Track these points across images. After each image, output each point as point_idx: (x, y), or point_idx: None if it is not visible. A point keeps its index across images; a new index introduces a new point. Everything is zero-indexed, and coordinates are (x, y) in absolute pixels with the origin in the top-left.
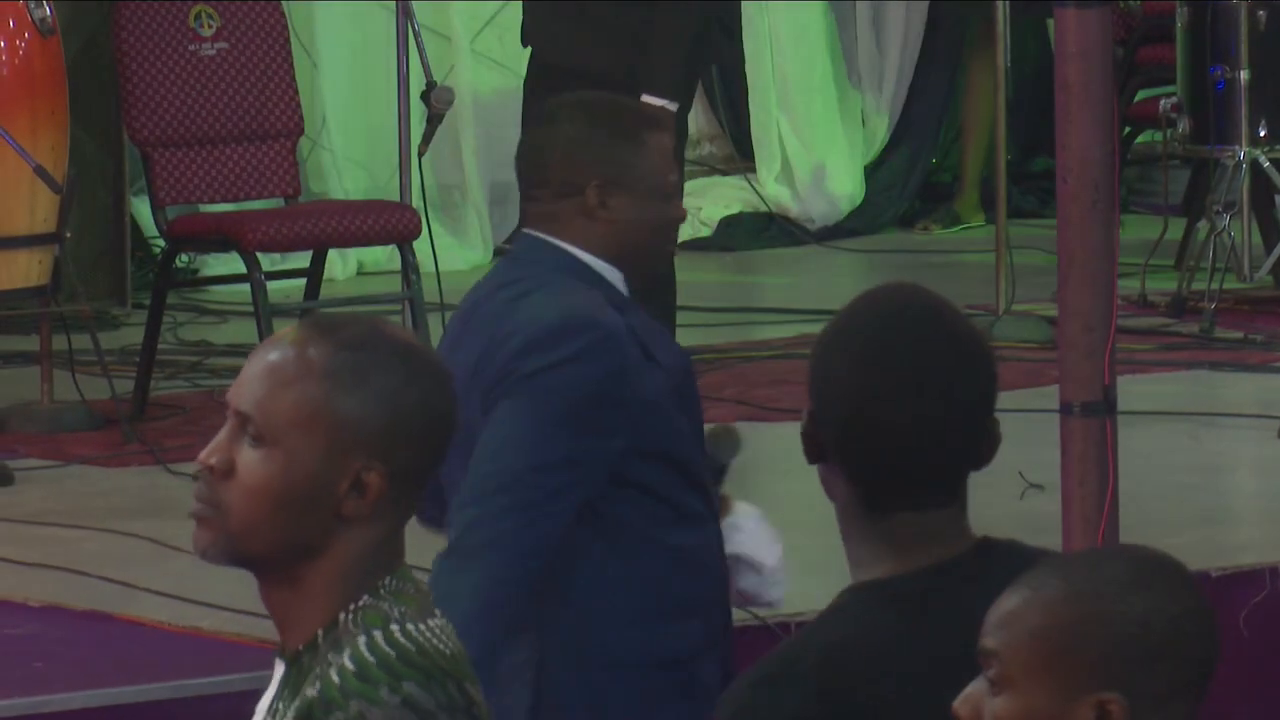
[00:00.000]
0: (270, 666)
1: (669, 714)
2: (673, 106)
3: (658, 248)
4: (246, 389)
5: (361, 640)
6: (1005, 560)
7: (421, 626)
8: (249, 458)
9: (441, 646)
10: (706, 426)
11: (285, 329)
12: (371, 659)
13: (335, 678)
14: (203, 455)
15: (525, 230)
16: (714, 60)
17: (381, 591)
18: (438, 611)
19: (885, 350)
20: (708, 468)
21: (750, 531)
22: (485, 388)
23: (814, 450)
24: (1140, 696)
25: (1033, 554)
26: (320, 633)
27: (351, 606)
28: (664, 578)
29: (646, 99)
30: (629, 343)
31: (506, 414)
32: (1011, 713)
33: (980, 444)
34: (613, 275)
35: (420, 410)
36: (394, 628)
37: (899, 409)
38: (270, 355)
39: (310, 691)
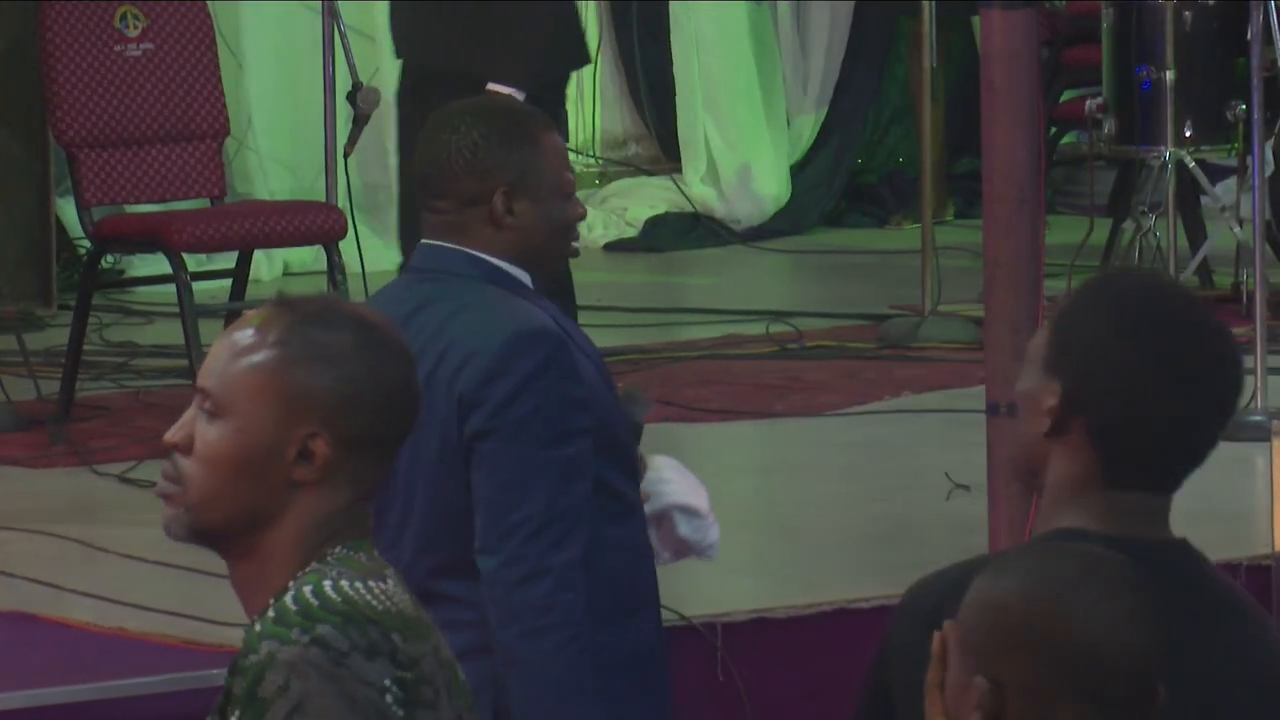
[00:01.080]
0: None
1: (636, 713)
2: (520, 94)
3: (562, 248)
4: (208, 366)
5: (289, 595)
6: (1195, 567)
7: (357, 584)
8: (206, 430)
9: (373, 600)
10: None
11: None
12: (293, 607)
13: (257, 626)
14: (167, 435)
15: (428, 242)
16: (589, 60)
17: (329, 559)
18: (389, 575)
19: (1170, 346)
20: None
21: (677, 481)
22: (447, 423)
23: (1058, 424)
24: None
25: (1212, 573)
26: (271, 600)
27: (300, 573)
28: (615, 574)
29: (493, 87)
30: (566, 340)
31: (501, 459)
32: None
33: (1216, 441)
34: (523, 277)
35: (371, 380)
36: (326, 583)
37: (1178, 393)
38: (232, 333)
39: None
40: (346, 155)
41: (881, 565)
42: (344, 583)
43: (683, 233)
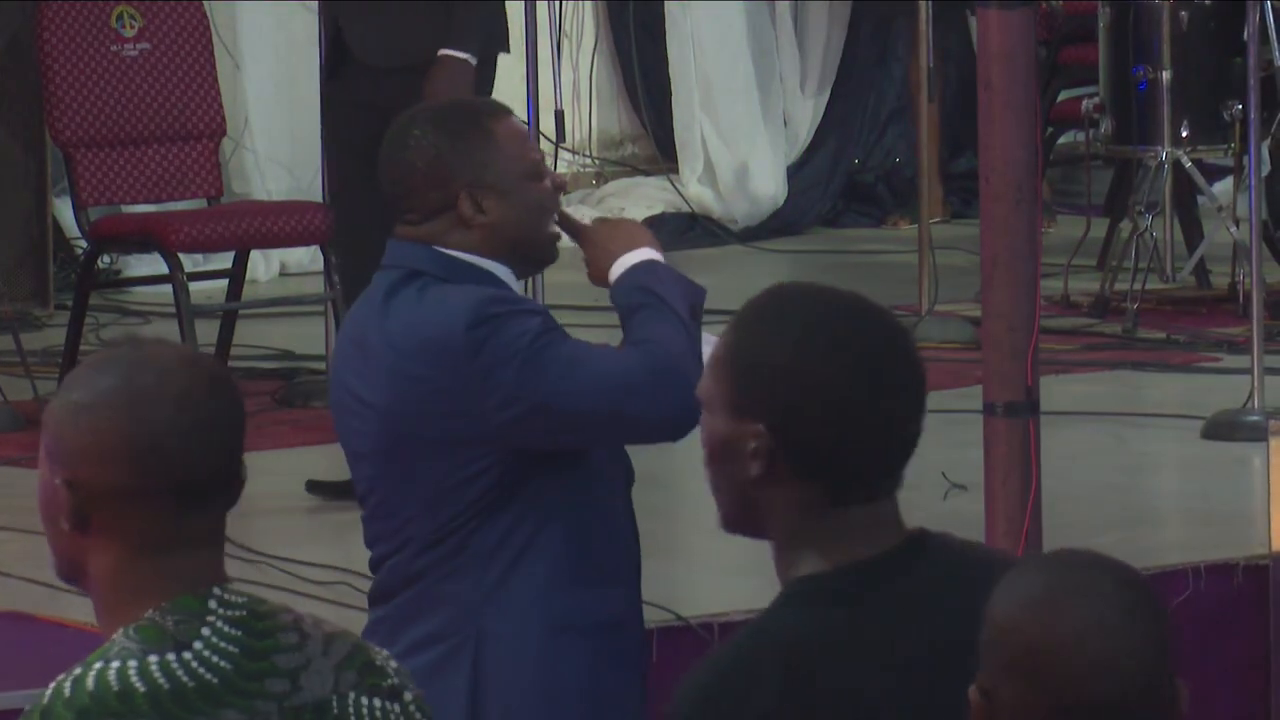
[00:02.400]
0: None
1: (615, 677)
2: (472, 60)
3: (542, 231)
4: None
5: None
6: (941, 551)
7: (130, 664)
8: None
9: (137, 683)
10: None
11: None
12: (45, 698)
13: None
14: None
15: (396, 240)
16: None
17: (133, 627)
18: (206, 634)
19: (847, 345)
20: None
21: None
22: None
23: (769, 469)
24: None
25: (968, 547)
26: None
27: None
28: (586, 543)
29: (444, 52)
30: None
31: (518, 374)
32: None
33: (919, 430)
34: (502, 273)
35: (102, 429)
36: (89, 670)
37: (871, 400)
38: None
39: None
40: None
41: None
42: (113, 666)
43: (680, 233)
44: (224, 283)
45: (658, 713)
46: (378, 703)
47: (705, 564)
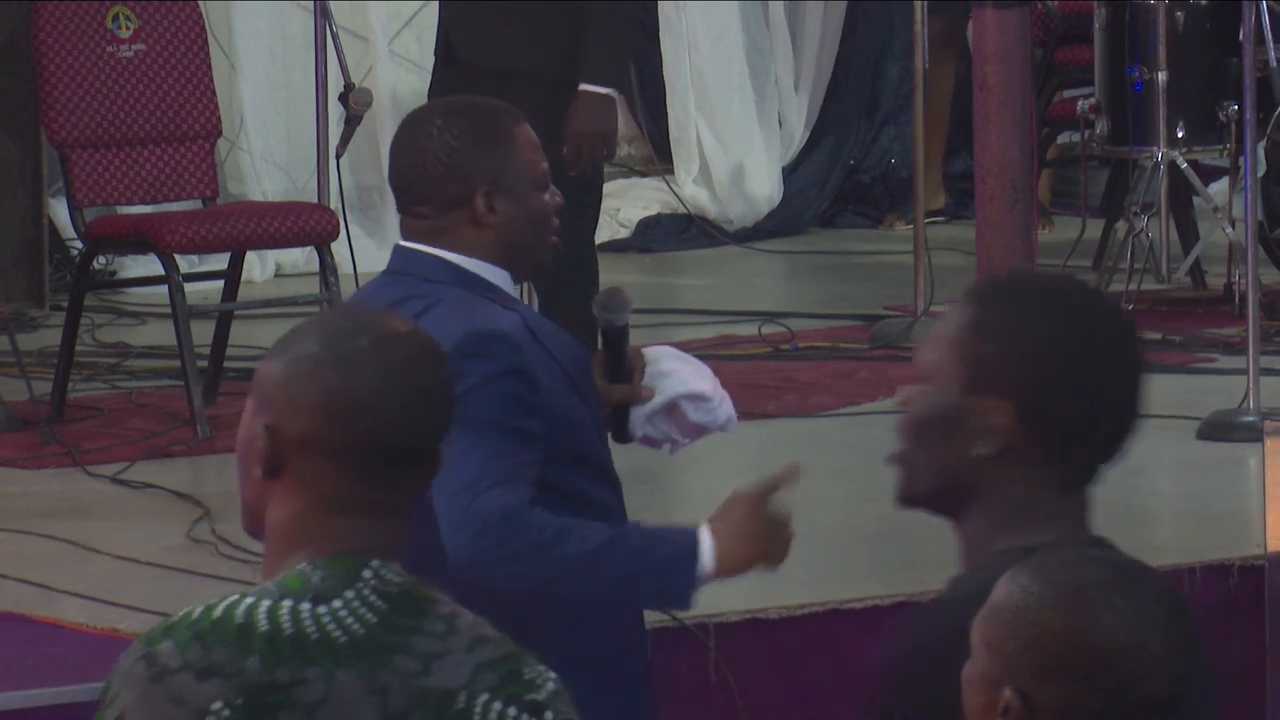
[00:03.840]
0: None
1: (635, 705)
2: (614, 94)
3: (544, 239)
4: None
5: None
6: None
7: (264, 602)
8: None
9: (263, 624)
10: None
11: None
12: (175, 618)
13: None
14: None
15: (402, 245)
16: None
17: (284, 574)
18: (351, 596)
19: (1099, 329)
20: (607, 334)
21: (677, 371)
22: None
23: (1004, 449)
24: (1047, 706)
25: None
26: None
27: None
28: None
29: (585, 88)
30: (530, 346)
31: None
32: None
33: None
34: (500, 279)
35: (316, 382)
36: (223, 604)
37: (1121, 384)
38: None
39: None
40: (339, 156)
41: (874, 565)
42: (246, 601)
43: (676, 233)
44: (220, 284)
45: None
46: (512, 711)
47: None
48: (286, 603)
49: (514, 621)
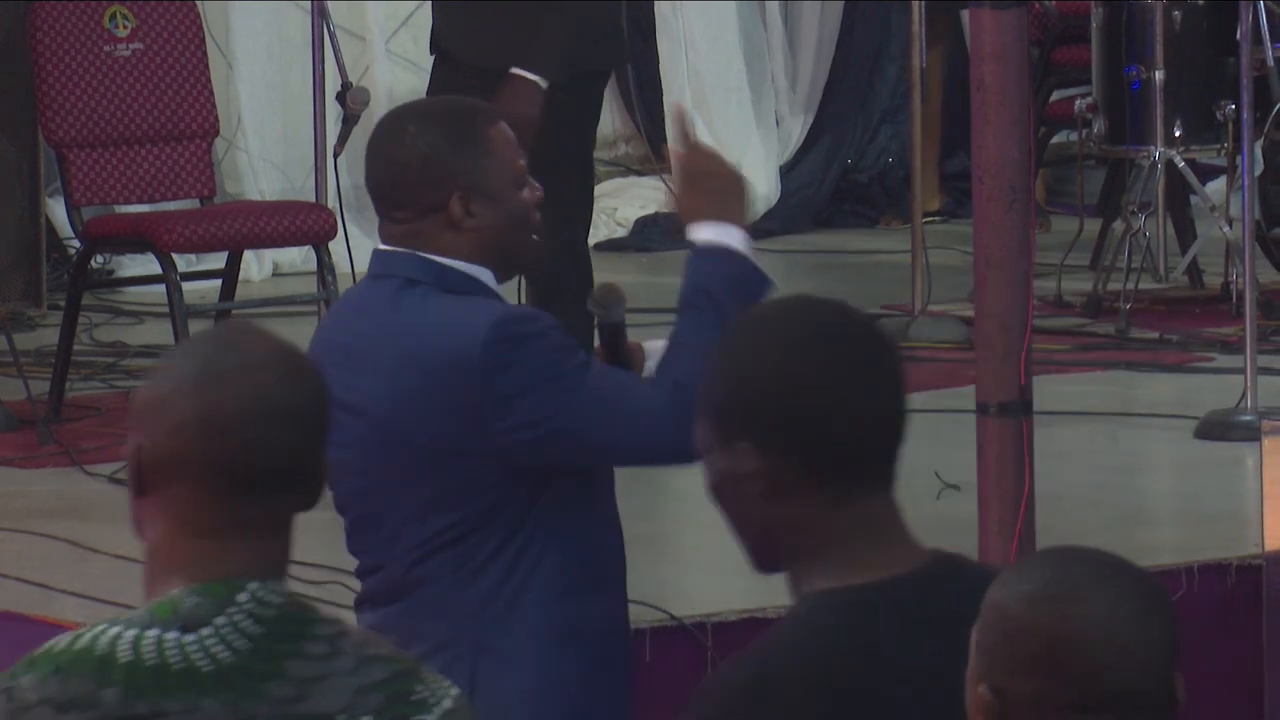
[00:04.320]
0: None
1: (607, 684)
2: (542, 83)
3: (524, 237)
4: None
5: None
6: (965, 573)
7: (129, 632)
8: None
9: (124, 654)
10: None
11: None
12: (39, 650)
13: None
14: None
15: (384, 249)
16: (627, 61)
17: (162, 600)
18: (222, 622)
19: (835, 328)
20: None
21: None
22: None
23: (770, 486)
24: (1019, 700)
25: (984, 572)
26: None
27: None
28: (583, 551)
29: (515, 71)
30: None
31: (545, 410)
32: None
33: (900, 419)
34: (485, 276)
35: (175, 404)
36: (90, 632)
37: (840, 384)
38: None
39: None
40: (336, 155)
41: None
42: (112, 631)
43: (673, 232)
44: (217, 283)
45: (645, 714)
46: None
47: (697, 563)
48: (152, 632)
49: (506, 597)
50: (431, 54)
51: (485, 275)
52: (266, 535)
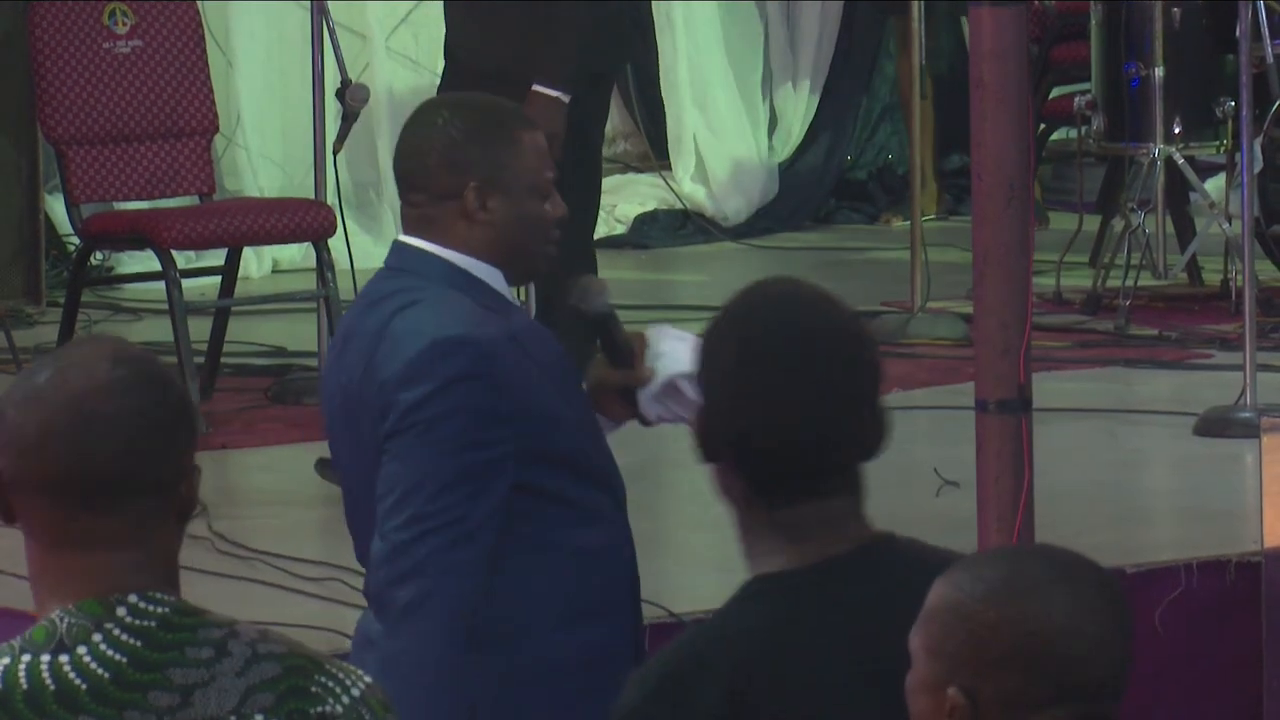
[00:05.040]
0: None
1: (597, 714)
2: (564, 97)
3: (537, 246)
4: None
5: None
6: (902, 556)
7: (4, 660)
8: None
9: None
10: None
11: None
12: None
13: None
14: None
15: (401, 240)
16: (631, 59)
17: (39, 625)
18: (75, 649)
19: (767, 343)
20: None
21: (674, 350)
22: (374, 418)
23: (708, 449)
24: (991, 699)
25: (931, 552)
26: None
27: None
28: (573, 580)
29: (537, 89)
30: (505, 350)
31: (399, 457)
32: (911, 682)
33: (867, 432)
34: (492, 276)
35: (3, 423)
36: None
37: (783, 399)
38: None
39: None
40: (336, 152)
41: None
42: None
43: (672, 230)
44: (216, 279)
45: None
46: None
47: (697, 560)
48: (26, 657)
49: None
50: (445, 60)
51: (494, 275)
52: (132, 546)
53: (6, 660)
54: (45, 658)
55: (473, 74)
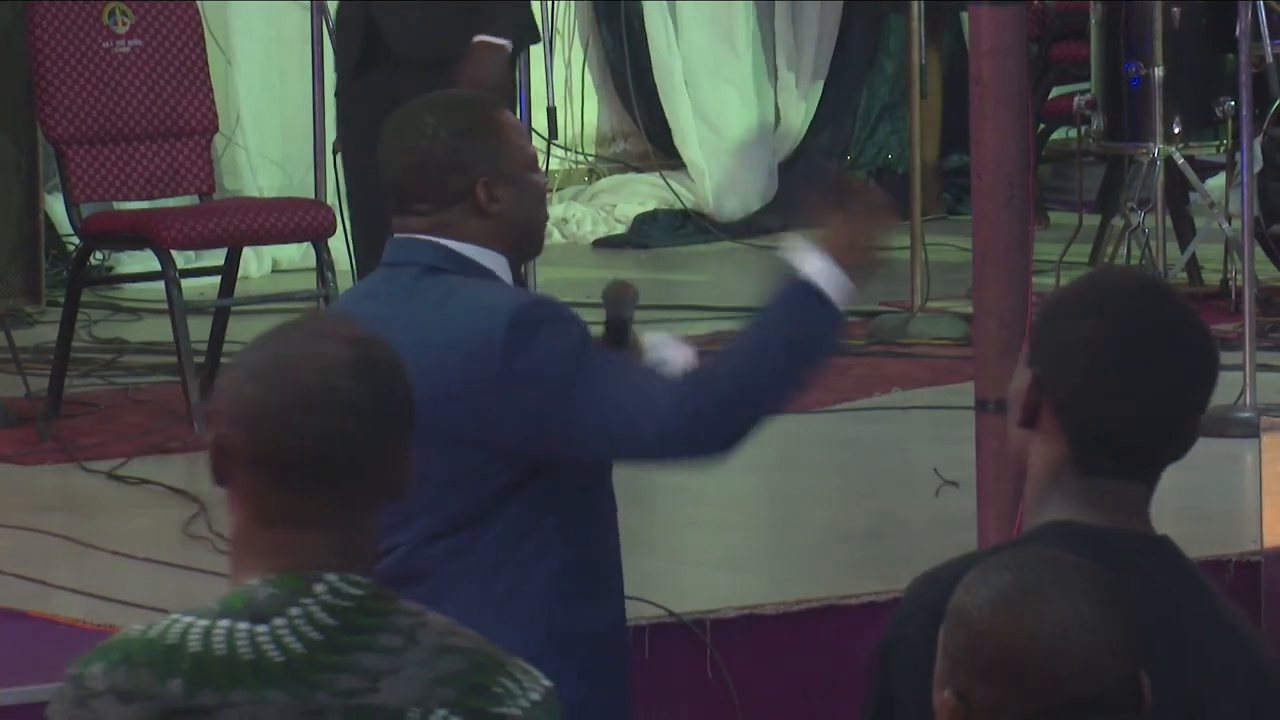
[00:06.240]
0: None
1: (605, 686)
2: (507, 45)
3: (540, 221)
4: None
5: None
6: (1183, 560)
7: (200, 623)
8: None
9: (194, 645)
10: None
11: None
12: (111, 639)
13: None
14: None
15: (399, 236)
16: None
17: (236, 591)
18: (288, 616)
19: (1133, 327)
20: (612, 325)
21: (674, 359)
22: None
23: (1029, 414)
24: (981, 706)
25: (1199, 572)
26: None
27: None
28: (588, 552)
29: (479, 39)
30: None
31: (556, 400)
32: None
33: (1190, 434)
34: (497, 264)
35: (240, 394)
36: (163, 622)
37: (1138, 378)
38: None
39: None
40: (335, 152)
41: (871, 562)
42: (183, 621)
43: (672, 229)
44: (216, 279)
45: (645, 710)
46: None
47: (697, 559)
48: (223, 622)
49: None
50: (342, 69)
51: (499, 263)
52: (343, 526)
53: (205, 622)
54: (243, 625)
55: (410, 66)
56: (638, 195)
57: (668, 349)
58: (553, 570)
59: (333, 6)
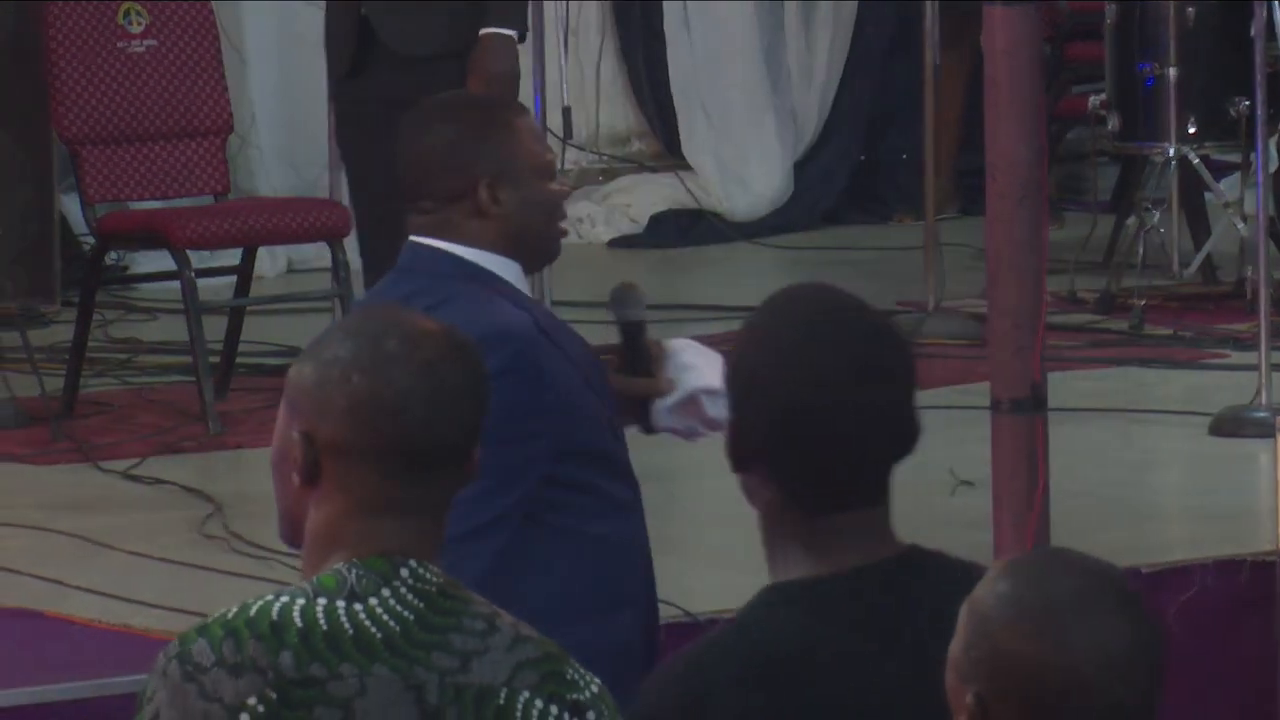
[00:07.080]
0: None
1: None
2: (516, 36)
3: (551, 229)
4: None
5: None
6: (933, 567)
7: (299, 602)
8: None
9: (297, 620)
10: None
11: None
12: (212, 617)
13: None
14: None
15: (413, 240)
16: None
17: (321, 574)
18: (384, 595)
19: (805, 351)
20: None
21: (697, 365)
22: None
23: (737, 458)
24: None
25: (959, 565)
26: None
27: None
28: (601, 569)
29: (486, 31)
30: (540, 344)
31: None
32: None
33: (905, 439)
34: (509, 270)
35: (345, 387)
36: (262, 601)
37: (822, 410)
38: None
39: None
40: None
41: None
42: (281, 600)
43: (685, 229)
44: (231, 279)
45: None
46: (554, 709)
47: (713, 560)
48: (321, 601)
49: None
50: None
51: (511, 270)
52: (427, 515)
53: (302, 601)
54: (340, 603)
55: (408, 63)
56: (651, 195)
57: (691, 354)
58: (560, 587)
59: None
